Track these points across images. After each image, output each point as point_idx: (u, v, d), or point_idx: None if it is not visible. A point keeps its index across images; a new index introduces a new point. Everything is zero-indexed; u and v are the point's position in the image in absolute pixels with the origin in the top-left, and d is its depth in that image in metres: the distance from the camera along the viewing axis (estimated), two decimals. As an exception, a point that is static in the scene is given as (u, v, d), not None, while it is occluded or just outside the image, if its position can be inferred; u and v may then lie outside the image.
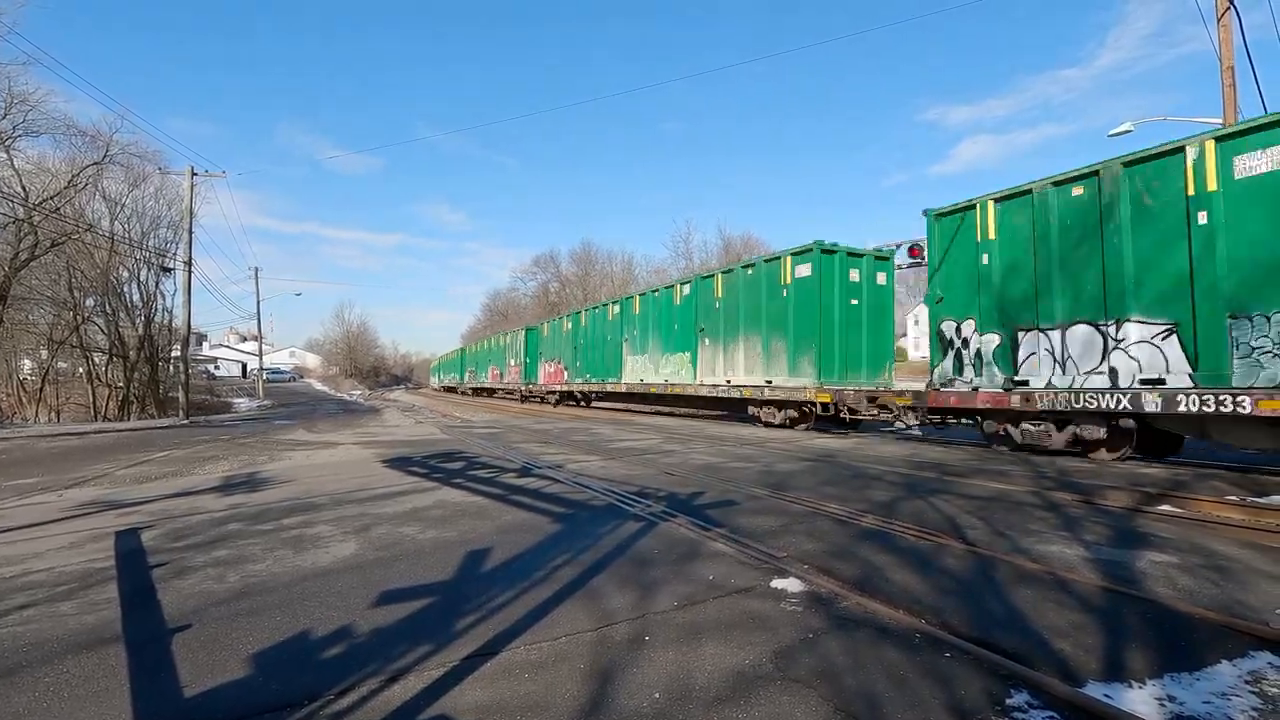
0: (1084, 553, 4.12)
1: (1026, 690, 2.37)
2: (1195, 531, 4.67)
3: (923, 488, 6.40)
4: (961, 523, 4.94)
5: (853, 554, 4.16)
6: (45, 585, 3.84)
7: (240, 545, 4.66)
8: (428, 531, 4.92)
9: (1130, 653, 2.70)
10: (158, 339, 26.22)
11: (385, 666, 2.62)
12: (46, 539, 5.06)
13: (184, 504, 6.37)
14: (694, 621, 3.06)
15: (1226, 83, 11.04)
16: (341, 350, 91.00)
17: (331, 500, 6.29)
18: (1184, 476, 6.85)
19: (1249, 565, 3.86)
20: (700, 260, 48.05)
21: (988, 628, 2.98)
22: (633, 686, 2.44)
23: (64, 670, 2.66)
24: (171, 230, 25.61)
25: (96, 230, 23.09)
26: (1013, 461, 8.20)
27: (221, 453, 11.06)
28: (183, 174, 22.95)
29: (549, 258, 66.19)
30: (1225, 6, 11.02)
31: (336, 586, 3.67)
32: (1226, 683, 2.45)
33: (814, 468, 7.89)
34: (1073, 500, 5.70)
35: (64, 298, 23.01)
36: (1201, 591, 3.43)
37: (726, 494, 6.21)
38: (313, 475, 8.13)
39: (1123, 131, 14.21)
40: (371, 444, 12.02)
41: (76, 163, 22.07)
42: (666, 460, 8.75)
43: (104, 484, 7.89)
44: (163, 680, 2.56)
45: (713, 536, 4.60)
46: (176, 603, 3.46)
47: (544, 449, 10.50)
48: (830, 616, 3.10)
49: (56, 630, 3.10)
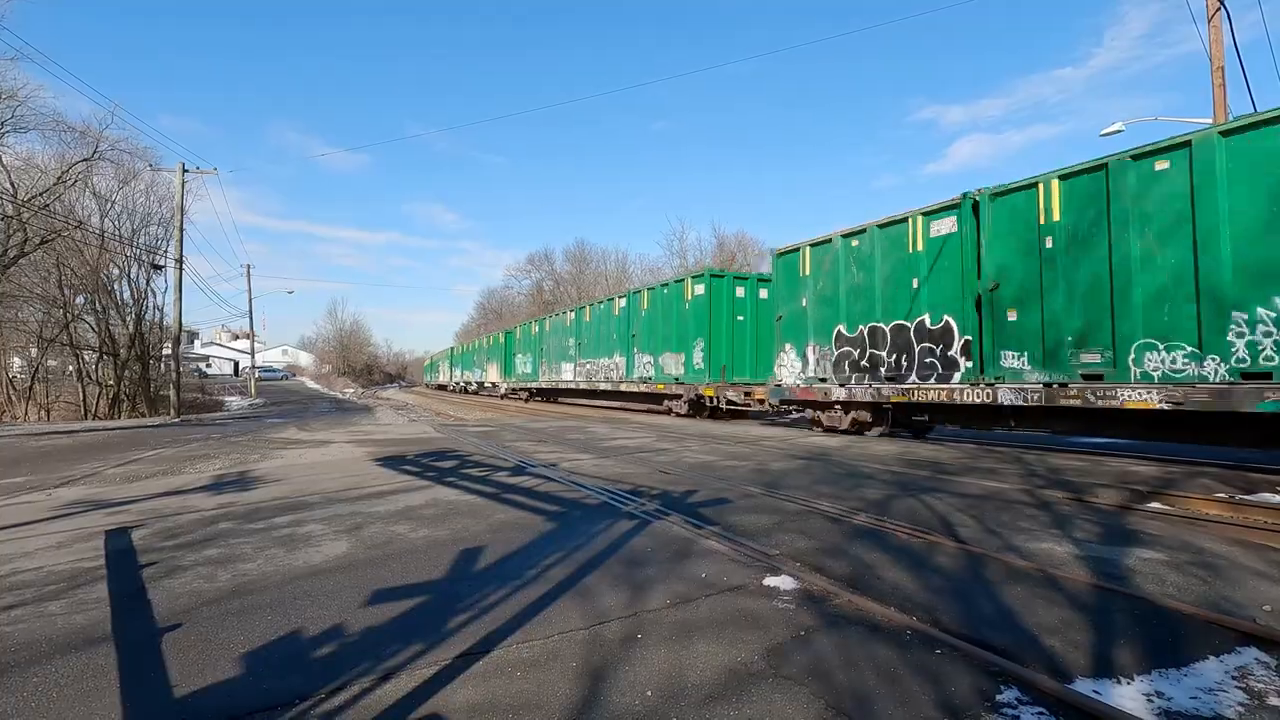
0: (1074, 550, 4.15)
1: (1016, 687, 2.39)
2: (1184, 529, 4.71)
3: (915, 486, 6.43)
4: (953, 521, 4.97)
5: (845, 552, 4.17)
6: (34, 585, 3.81)
7: (231, 544, 4.63)
8: (420, 530, 4.91)
9: (1119, 649, 2.72)
10: (149, 337, 26.01)
11: (377, 666, 2.62)
12: (35, 538, 5.01)
13: (174, 503, 6.33)
14: (687, 620, 3.07)
15: (1217, 83, 11.13)
16: (334, 349, 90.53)
17: (323, 499, 6.27)
18: (1175, 474, 6.91)
19: (1236, 562, 3.90)
20: (695, 259, 47.55)
21: (978, 625, 3.00)
22: (625, 685, 2.45)
23: (53, 671, 2.64)
24: (162, 227, 25.39)
25: (86, 227, 22.90)
26: (1004, 460, 8.25)
27: (213, 451, 10.99)
28: (173, 171, 22.80)
29: (543, 256, 65.74)
30: (1215, 7, 11.10)
31: (328, 586, 3.65)
32: (1214, 678, 2.47)
33: (807, 466, 7.92)
34: (1063, 498, 5.74)
35: (54, 295, 22.81)
36: (1189, 588, 3.46)
37: (720, 492, 6.22)
38: (304, 474, 8.09)
39: (1114, 131, 14.30)
40: (364, 442, 11.97)
41: (66, 159, 21.93)
42: (660, 458, 8.76)
43: (94, 483, 7.83)
44: (153, 680, 2.54)
45: (706, 534, 4.61)
46: (167, 602, 3.44)
47: (538, 447, 10.48)
48: (822, 614, 3.11)
49: (45, 630, 3.08)
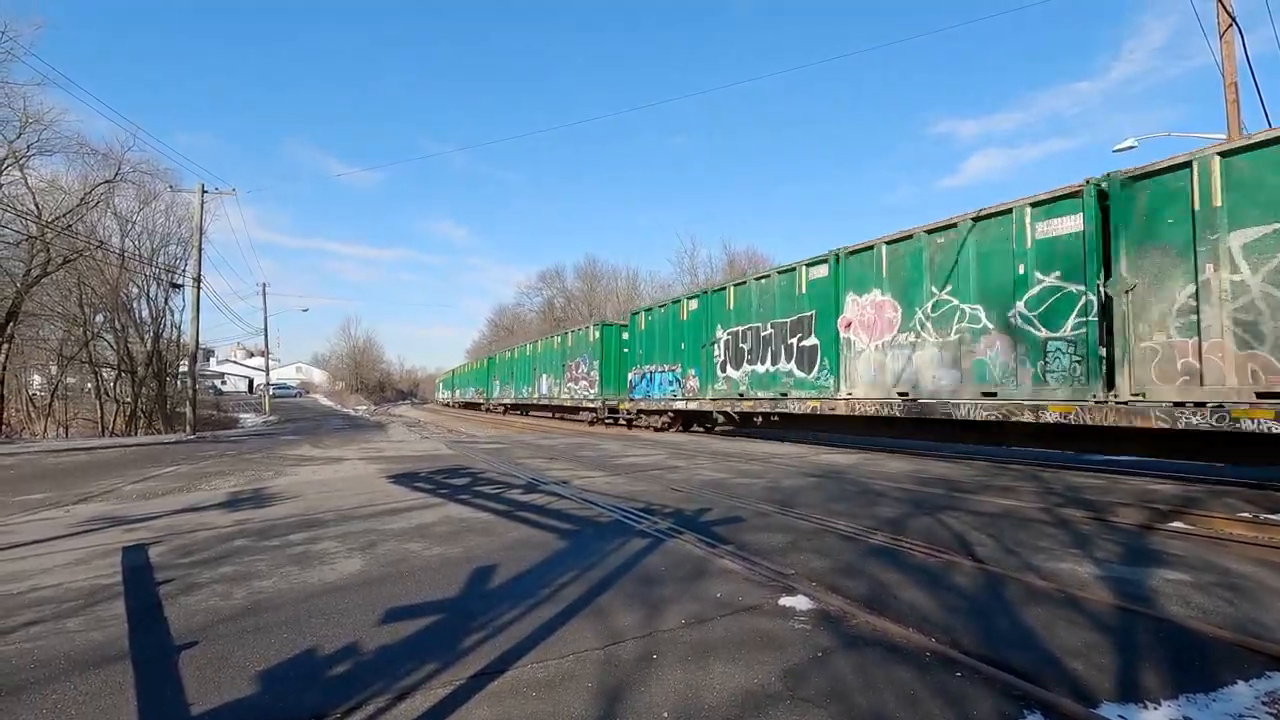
0: (1095, 570, 4.08)
1: (1039, 711, 2.34)
2: (1208, 549, 4.62)
3: (930, 504, 6.35)
4: (970, 539, 4.90)
5: (861, 571, 4.13)
6: (53, 601, 3.84)
7: (246, 561, 4.65)
8: (433, 548, 4.91)
9: (1144, 672, 2.66)
10: (166, 355, 26.43)
11: (392, 685, 2.61)
12: (54, 555, 5.06)
13: (190, 520, 6.37)
14: (702, 640, 3.04)
15: (1229, 99, 11.09)
16: (347, 365, 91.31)
17: (337, 516, 6.29)
18: (1196, 493, 6.79)
19: (1263, 583, 3.81)
20: (705, 275, 47.64)
21: (999, 646, 2.94)
22: (641, 706, 2.42)
23: (71, 687, 2.66)
24: (181, 246, 25.94)
25: (107, 247, 23.40)
26: (1020, 478, 8.14)
27: (228, 468, 11.08)
28: (193, 192, 23.22)
29: (554, 273, 66.36)
30: (1227, 23, 11.10)
31: (342, 604, 3.66)
32: (1244, 703, 2.41)
33: (820, 484, 7.86)
34: (1082, 517, 5.65)
35: (74, 314, 23.26)
36: (1216, 610, 3.39)
37: (733, 510, 6.18)
38: (318, 491, 8.13)
39: (1127, 147, 14.26)
40: (377, 459, 12.02)
41: (89, 180, 22.47)
42: (672, 476, 8.72)
43: (111, 499, 7.91)
44: (169, 698, 2.55)
45: (720, 554, 4.58)
46: (183, 620, 3.46)
47: (549, 464, 10.48)
48: (840, 635, 3.08)
49: (64, 647, 3.10)
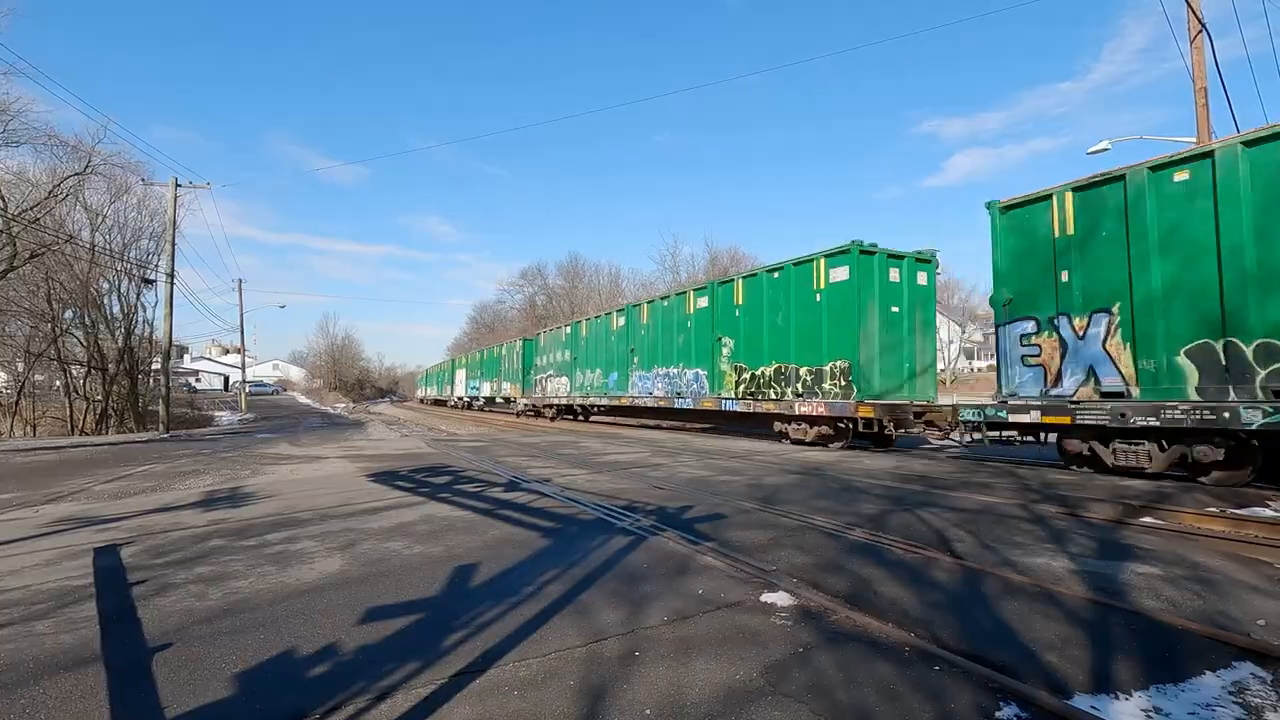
0: (1070, 565, 4.16)
1: (1015, 703, 2.39)
2: (1178, 543, 4.73)
3: (909, 500, 6.44)
4: (949, 536, 4.97)
5: (842, 568, 4.17)
6: (21, 604, 3.74)
7: (223, 562, 4.58)
8: (414, 547, 4.87)
9: (1116, 664, 2.72)
10: (138, 352, 25.82)
11: (372, 685, 2.58)
12: (22, 556, 4.94)
13: (164, 520, 6.25)
14: (685, 637, 3.05)
15: (1199, 103, 11.35)
16: (326, 363, 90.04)
17: (316, 515, 6.21)
18: (1167, 489, 6.95)
19: (1230, 576, 3.92)
20: (687, 274, 47.68)
21: (977, 641, 2.99)
22: (623, 703, 2.43)
23: (40, 692, 2.59)
24: (153, 242, 25.38)
25: (77, 241, 22.80)
26: (997, 474, 8.28)
27: (203, 467, 10.88)
28: (166, 185, 22.73)
29: (536, 270, 65.80)
30: (1197, 30, 11.36)
31: (321, 604, 3.61)
32: (1211, 693, 2.48)
33: (802, 481, 7.92)
34: (1057, 513, 5.75)
35: (42, 309, 22.64)
36: (1185, 603, 3.48)
37: (716, 508, 6.21)
38: (297, 490, 8.02)
39: (1100, 149, 14.54)
40: (356, 458, 11.89)
41: (58, 173, 21.85)
42: (655, 474, 8.73)
43: (82, 499, 7.73)
44: (143, 702, 2.50)
45: (702, 550, 4.60)
46: (157, 621, 3.39)
47: (530, 462, 10.44)
48: (821, 631, 3.10)
49: (33, 650, 3.02)
